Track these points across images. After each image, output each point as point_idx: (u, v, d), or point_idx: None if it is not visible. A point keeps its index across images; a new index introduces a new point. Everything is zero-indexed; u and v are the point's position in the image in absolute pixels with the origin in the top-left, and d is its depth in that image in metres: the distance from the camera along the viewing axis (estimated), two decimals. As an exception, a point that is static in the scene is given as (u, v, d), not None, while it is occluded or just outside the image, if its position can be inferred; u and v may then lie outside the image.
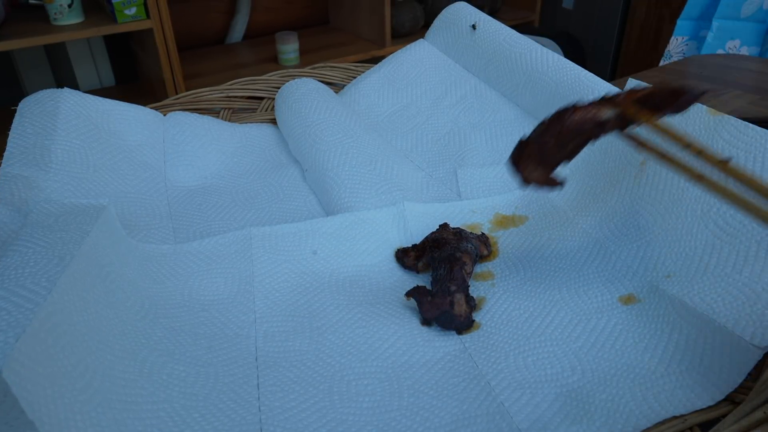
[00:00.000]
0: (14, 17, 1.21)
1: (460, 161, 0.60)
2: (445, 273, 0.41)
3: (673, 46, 1.35)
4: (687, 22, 1.33)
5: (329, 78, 0.76)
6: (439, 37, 0.74)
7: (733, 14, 1.24)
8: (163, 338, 0.37)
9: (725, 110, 0.73)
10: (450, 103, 0.67)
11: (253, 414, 0.33)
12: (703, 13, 1.30)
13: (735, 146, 0.41)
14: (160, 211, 0.53)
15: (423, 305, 0.40)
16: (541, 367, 0.35)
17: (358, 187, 0.53)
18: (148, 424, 0.30)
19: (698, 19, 1.31)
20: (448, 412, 0.33)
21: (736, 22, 1.23)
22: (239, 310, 0.41)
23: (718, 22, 1.25)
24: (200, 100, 0.69)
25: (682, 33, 1.34)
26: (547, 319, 0.39)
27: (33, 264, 0.33)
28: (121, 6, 1.17)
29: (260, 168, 0.62)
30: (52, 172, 0.47)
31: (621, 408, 0.31)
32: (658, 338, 0.34)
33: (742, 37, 1.23)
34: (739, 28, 1.23)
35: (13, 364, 0.25)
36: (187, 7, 1.53)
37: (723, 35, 1.25)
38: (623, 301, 0.38)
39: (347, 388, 0.35)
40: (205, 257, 0.46)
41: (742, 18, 1.23)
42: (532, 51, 0.62)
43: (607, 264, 0.41)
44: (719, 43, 1.26)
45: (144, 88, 1.48)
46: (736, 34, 1.24)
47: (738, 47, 1.24)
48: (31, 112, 0.51)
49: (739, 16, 1.23)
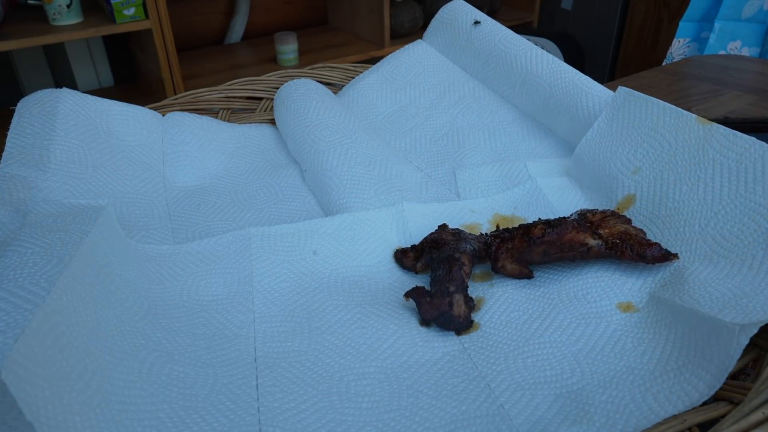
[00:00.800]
0: (13, 17, 1.21)
1: (459, 161, 0.60)
2: (444, 274, 0.41)
3: (675, 48, 1.35)
4: (689, 24, 1.33)
5: (328, 78, 0.76)
6: (437, 37, 0.74)
7: (734, 15, 1.24)
8: (162, 339, 0.37)
9: (724, 110, 0.73)
10: (448, 104, 0.67)
11: (252, 415, 0.33)
12: (705, 15, 1.30)
13: (726, 156, 0.41)
14: (159, 212, 0.53)
15: (422, 306, 0.40)
16: (540, 369, 0.35)
17: (357, 187, 0.53)
18: (147, 425, 0.30)
19: (701, 21, 1.31)
20: (447, 412, 0.33)
21: (738, 23, 1.24)
22: (238, 310, 0.41)
23: (720, 23, 1.25)
24: (199, 101, 0.69)
25: (685, 35, 1.34)
26: (546, 322, 0.39)
27: (32, 265, 0.33)
28: (120, 6, 1.17)
29: (259, 168, 0.62)
30: (51, 172, 0.47)
31: (620, 409, 0.31)
32: (656, 341, 0.35)
33: (742, 37, 1.24)
34: (740, 29, 1.24)
35: (11, 365, 0.25)
36: (186, 8, 1.53)
37: (725, 36, 1.25)
38: (622, 308, 0.38)
39: (346, 389, 0.35)
40: (204, 257, 0.46)
41: (743, 19, 1.23)
42: (529, 53, 0.62)
43: (606, 270, 0.41)
44: (721, 45, 1.26)
45: (143, 89, 1.48)
46: (737, 35, 1.24)
47: (739, 48, 1.25)
48: (29, 112, 0.51)
49: (741, 17, 1.23)
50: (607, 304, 0.39)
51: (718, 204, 0.39)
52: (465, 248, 0.43)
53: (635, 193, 0.45)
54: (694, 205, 0.41)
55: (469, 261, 0.42)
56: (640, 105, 0.49)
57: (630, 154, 0.48)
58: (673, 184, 0.43)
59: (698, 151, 0.43)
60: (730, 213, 0.38)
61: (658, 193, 0.44)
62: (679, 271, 0.38)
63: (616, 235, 0.40)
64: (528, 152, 0.59)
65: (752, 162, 0.39)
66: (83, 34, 1.17)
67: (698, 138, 0.43)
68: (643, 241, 0.40)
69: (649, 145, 0.47)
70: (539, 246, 0.41)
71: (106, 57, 1.48)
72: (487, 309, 0.41)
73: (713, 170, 0.41)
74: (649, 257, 0.39)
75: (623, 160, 0.48)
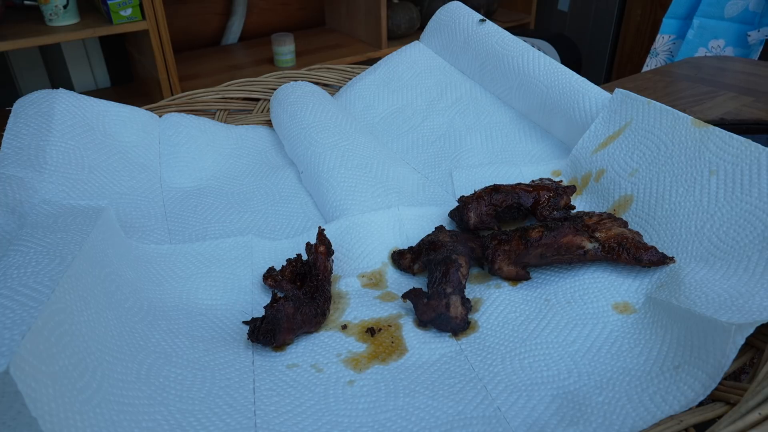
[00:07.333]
0: (9, 18, 1.21)
1: (456, 163, 0.60)
2: (441, 275, 0.41)
3: (659, 44, 1.35)
4: (673, 21, 1.33)
5: (325, 79, 0.76)
6: (434, 38, 0.74)
7: (715, 13, 1.24)
8: (160, 341, 0.37)
9: (719, 112, 0.73)
10: (445, 105, 0.67)
11: (248, 418, 0.33)
12: (690, 12, 1.31)
13: (721, 158, 0.41)
14: (156, 213, 0.53)
15: (419, 307, 0.40)
16: (537, 370, 0.35)
17: (354, 189, 0.53)
18: (144, 427, 0.30)
19: (685, 18, 1.32)
20: (443, 412, 0.33)
21: (720, 22, 1.24)
22: (236, 317, 0.42)
23: (699, 20, 1.26)
24: (196, 102, 0.69)
25: (669, 31, 1.34)
26: (543, 323, 0.39)
27: (35, 264, 0.33)
28: (117, 7, 1.17)
29: (256, 170, 0.62)
30: (47, 172, 0.47)
31: (617, 410, 0.31)
32: (653, 342, 0.35)
33: (726, 37, 1.24)
34: (723, 28, 1.24)
35: (19, 361, 0.25)
36: (183, 9, 1.53)
37: (705, 34, 1.26)
38: (619, 309, 0.38)
39: (342, 390, 0.35)
40: (204, 260, 0.46)
41: (726, 18, 1.24)
42: (525, 54, 0.62)
43: (603, 271, 0.41)
44: (701, 42, 1.27)
45: (139, 90, 1.48)
46: (720, 34, 1.25)
47: (722, 47, 1.25)
48: (25, 113, 0.51)
49: (723, 16, 1.24)
50: (604, 305, 0.39)
51: (714, 206, 0.40)
52: (462, 250, 0.43)
53: (632, 194, 0.45)
54: (690, 207, 0.41)
55: (466, 263, 0.42)
56: (636, 107, 0.49)
57: (627, 156, 0.48)
58: (669, 186, 0.43)
59: (694, 153, 0.43)
60: (726, 215, 0.39)
61: (654, 194, 0.44)
62: (675, 272, 0.38)
63: (613, 238, 0.40)
64: (525, 154, 0.59)
65: (748, 164, 0.39)
66: (80, 34, 1.17)
67: (694, 140, 0.43)
68: (639, 244, 0.40)
69: (645, 147, 0.47)
70: (536, 248, 0.41)
71: (102, 58, 1.47)
72: (484, 310, 0.41)
73: (709, 172, 0.41)
74: (646, 261, 0.39)
75: (620, 162, 0.48)
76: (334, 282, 0.45)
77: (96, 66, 1.48)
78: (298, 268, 0.45)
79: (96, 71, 1.48)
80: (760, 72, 0.88)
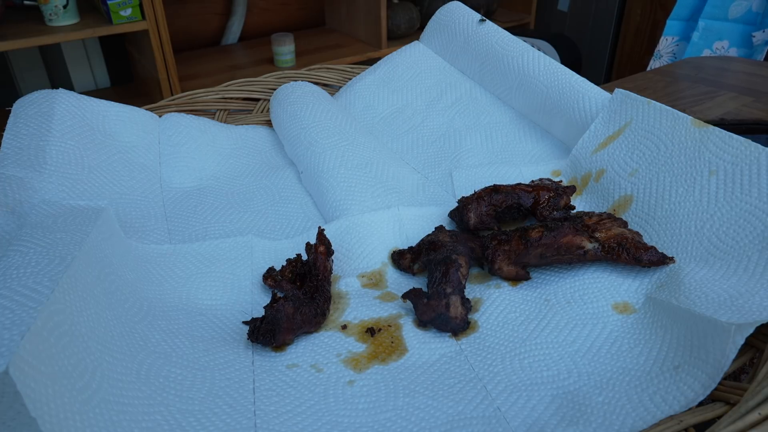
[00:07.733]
0: (9, 18, 1.21)
1: (456, 163, 0.60)
2: (441, 275, 0.41)
3: (663, 46, 1.35)
4: (677, 23, 1.33)
5: (325, 79, 0.76)
6: (434, 38, 0.74)
7: (720, 15, 1.24)
8: (160, 341, 0.37)
9: (719, 112, 0.73)
10: (445, 105, 0.67)
11: (248, 418, 0.33)
12: (693, 14, 1.31)
13: (721, 158, 0.41)
14: (156, 213, 0.53)
15: (419, 307, 0.40)
16: (537, 370, 0.35)
17: (353, 189, 0.53)
18: (144, 427, 0.30)
19: (689, 19, 1.31)
20: (443, 412, 0.33)
21: (724, 23, 1.24)
22: (236, 317, 0.42)
23: (705, 22, 1.26)
24: (196, 102, 0.69)
25: (672, 33, 1.34)
26: (543, 323, 0.39)
27: (35, 264, 0.33)
28: (117, 7, 1.17)
29: (256, 170, 0.62)
30: (47, 173, 0.47)
31: (617, 410, 0.31)
32: (653, 342, 0.35)
33: (730, 38, 1.24)
34: (727, 29, 1.24)
35: (18, 362, 0.25)
36: (183, 9, 1.53)
37: (710, 36, 1.26)
38: (619, 309, 0.38)
39: (342, 391, 0.35)
40: (204, 260, 0.46)
41: (730, 19, 1.23)
42: (525, 54, 0.62)
43: (603, 271, 0.41)
44: (706, 44, 1.27)
45: (139, 90, 1.48)
46: (724, 35, 1.25)
47: (726, 48, 1.25)
48: (25, 113, 0.51)
49: (727, 17, 1.24)
50: (604, 305, 0.39)
51: (714, 206, 0.40)
52: (462, 250, 0.43)
53: (632, 194, 0.45)
54: (690, 207, 0.41)
55: (466, 263, 0.42)
56: (636, 107, 0.49)
57: (627, 156, 0.48)
58: (669, 186, 0.43)
59: (694, 153, 0.43)
60: (725, 215, 0.39)
61: (654, 194, 0.44)
62: (675, 272, 0.38)
63: (613, 238, 0.40)
64: (524, 154, 0.59)
65: (747, 164, 0.39)
66: (79, 35, 1.17)
67: (694, 140, 0.43)
68: (639, 244, 0.40)
69: (645, 147, 0.47)
70: (536, 248, 0.41)
71: (102, 58, 1.47)
72: (484, 310, 0.41)
73: (709, 172, 0.41)
74: (645, 261, 0.39)
75: (620, 162, 0.48)
76: (333, 282, 0.45)
77: (96, 66, 1.48)
78: (298, 268, 0.45)
79: (96, 71, 1.48)
80: (760, 72, 0.88)
